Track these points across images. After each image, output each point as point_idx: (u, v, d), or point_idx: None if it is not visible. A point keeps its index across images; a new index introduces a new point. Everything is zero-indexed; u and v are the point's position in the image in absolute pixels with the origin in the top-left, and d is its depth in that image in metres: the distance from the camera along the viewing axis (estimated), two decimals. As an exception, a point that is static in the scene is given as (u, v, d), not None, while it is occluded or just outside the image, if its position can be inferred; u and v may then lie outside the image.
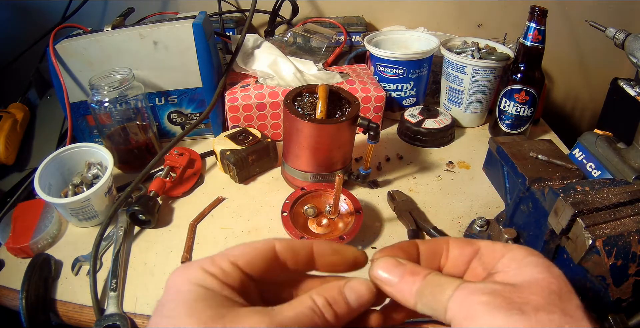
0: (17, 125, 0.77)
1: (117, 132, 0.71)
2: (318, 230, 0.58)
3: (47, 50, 0.67)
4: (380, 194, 0.67)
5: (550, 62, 0.99)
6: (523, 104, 0.75)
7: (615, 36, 0.63)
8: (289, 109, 0.59)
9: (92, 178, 0.64)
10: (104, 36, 0.69)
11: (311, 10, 1.02)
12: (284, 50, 0.84)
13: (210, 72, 0.74)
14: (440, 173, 0.73)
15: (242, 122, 0.76)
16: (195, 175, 0.70)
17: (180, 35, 0.69)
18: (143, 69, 0.71)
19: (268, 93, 0.75)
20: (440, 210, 0.64)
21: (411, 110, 0.83)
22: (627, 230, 0.39)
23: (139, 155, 0.72)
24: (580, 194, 0.42)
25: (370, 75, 0.84)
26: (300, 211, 0.60)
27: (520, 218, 0.50)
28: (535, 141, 0.56)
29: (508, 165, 0.53)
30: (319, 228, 0.58)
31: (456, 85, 0.82)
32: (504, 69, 0.79)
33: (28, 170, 0.73)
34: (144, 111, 0.71)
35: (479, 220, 0.58)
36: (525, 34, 0.70)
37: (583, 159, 0.67)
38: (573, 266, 0.42)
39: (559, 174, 0.49)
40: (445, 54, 0.81)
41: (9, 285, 0.53)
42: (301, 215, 0.60)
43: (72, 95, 0.71)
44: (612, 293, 0.38)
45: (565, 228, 0.41)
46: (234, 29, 0.96)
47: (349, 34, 0.95)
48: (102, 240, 0.56)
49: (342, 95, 0.63)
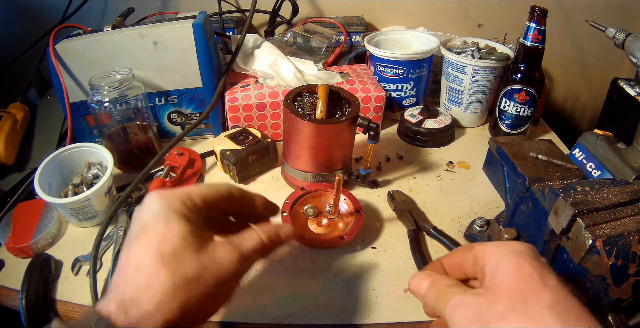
0: (17, 125, 0.77)
1: (117, 132, 0.71)
2: (318, 230, 0.58)
3: (47, 50, 0.67)
4: (380, 194, 0.67)
5: (550, 62, 0.99)
6: (523, 104, 0.75)
7: (615, 36, 0.63)
8: (289, 109, 0.59)
9: (92, 178, 0.64)
10: (104, 36, 0.69)
11: (311, 10, 1.02)
12: (284, 50, 0.84)
13: (210, 72, 0.74)
14: (440, 173, 0.73)
15: (242, 122, 0.76)
16: (195, 175, 0.70)
17: (180, 35, 0.69)
18: (143, 69, 0.71)
19: (268, 93, 0.75)
20: (440, 210, 0.64)
21: (411, 110, 0.83)
22: (627, 230, 0.39)
23: (139, 155, 0.72)
24: (580, 194, 0.42)
25: (370, 75, 0.84)
26: (301, 211, 0.60)
27: (520, 218, 0.50)
28: (535, 141, 0.56)
29: (508, 165, 0.53)
30: (319, 228, 0.58)
31: (456, 85, 0.82)
32: (504, 69, 0.79)
33: (28, 170, 0.73)
34: (144, 111, 0.71)
35: (479, 220, 0.58)
36: (525, 34, 0.70)
37: (583, 159, 0.67)
38: (573, 266, 0.42)
39: (559, 174, 0.49)
40: (445, 54, 0.81)
41: (9, 285, 0.53)
42: (301, 215, 0.60)
43: (72, 95, 0.71)
44: (612, 293, 0.38)
45: (565, 228, 0.41)
46: (234, 29, 0.96)
47: (349, 34, 0.95)
48: (102, 240, 0.56)
49: (342, 95, 0.63)
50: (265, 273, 0.53)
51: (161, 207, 0.34)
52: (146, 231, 0.33)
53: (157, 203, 0.34)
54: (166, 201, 0.34)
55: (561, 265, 0.45)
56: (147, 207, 0.34)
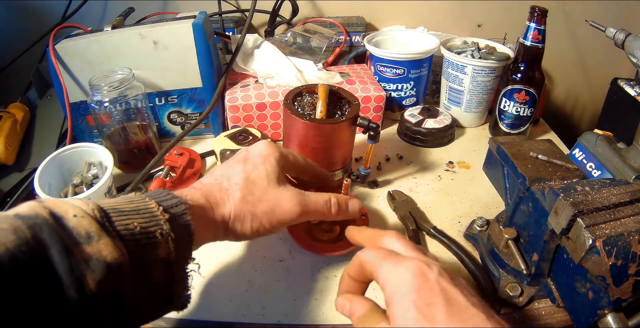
0: (17, 125, 0.77)
1: (117, 132, 0.71)
2: (324, 237, 0.56)
3: (47, 50, 0.67)
4: (380, 194, 0.67)
5: (550, 62, 0.99)
6: (523, 104, 0.75)
7: (615, 36, 0.63)
8: (289, 109, 0.59)
9: (92, 178, 0.64)
10: (104, 36, 0.69)
11: (311, 10, 1.02)
12: (284, 50, 0.84)
13: (210, 72, 0.74)
14: (440, 174, 0.73)
15: (242, 122, 0.76)
16: (195, 175, 0.70)
17: (180, 35, 0.69)
18: (143, 69, 0.71)
19: (268, 93, 0.75)
20: (440, 210, 0.64)
21: (411, 110, 0.83)
22: (627, 230, 0.39)
23: (139, 155, 0.72)
24: (580, 194, 0.42)
25: (370, 75, 0.84)
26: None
27: (520, 218, 0.50)
28: (535, 141, 0.56)
29: (508, 165, 0.53)
30: (325, 234, 0.56)
31: (456, 85, 0.82)
32: (504, 69, 0.79)
33: (28, 170, 0.72)
34: (144, 111, 0.71)
35: (479, 220, 0.58)
36: (525, 34, 0.70)
37: (583, 159, 0.67)
38: (573, 266, 0.42)
39: (559, 174, 0.49)
40: (445, 54, 0.81)
41: (9, 285, 0.53)
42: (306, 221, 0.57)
43: (72, 95, 0.71)
44: (612, 293, 0.38)
45: (565, 228, 0.41)
46: (234, 29, 0.96)
47: (349, 34, 0.95)
48: (102, 240, 0.56)
49: (342, 95, 0.63)
50: (265, 273, 0.53)
51: (266, 150, 0.45)
52: (247, 160, 0.44)
53: (265, 147, 0.45)
54: (271, 148, 0.46)
55: (561, 265, 0.45)
56: (257, 147, 0.46)
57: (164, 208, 0.34)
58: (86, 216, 0.29)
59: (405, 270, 0.32)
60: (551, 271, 0.47)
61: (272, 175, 0.43)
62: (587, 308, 0.41)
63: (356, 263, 0.37)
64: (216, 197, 0.40)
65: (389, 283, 0.32)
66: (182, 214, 0.35)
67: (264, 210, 0.41)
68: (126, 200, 0.34)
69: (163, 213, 0.33)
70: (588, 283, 0.40)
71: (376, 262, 0.34)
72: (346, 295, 0.38)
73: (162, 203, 0.34)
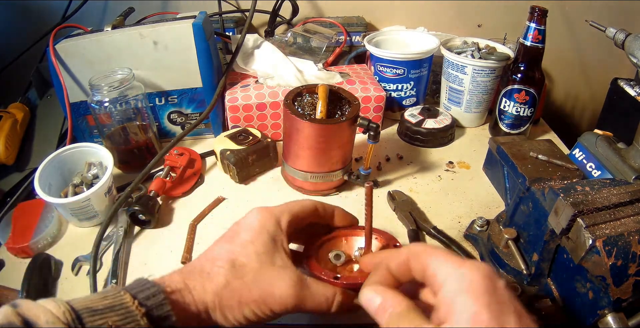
0: (17, 125, 0.77)
1: (117, 132, 0.71)
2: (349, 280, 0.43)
3: (47, 50, 0.67)
4: (380, 194, 0.67)
5: (550, 62, 0.99)
6: (523, 104, 0.75)
7: (615, 36, 0.63)
8: (289, 109, 0.59)
9: (92, 178, 0.64)
10: (104, 36, 0.69)
11: (311, 10, 1.02)
12: (284, 50, 0.84)
13: (210, 72, 0.74)
14: (440, 173, 0.73)
15: (242, 122, 0.76)
16: (195, 175, 0.70)
17: (180, 35, 0.69)
18: (143, 69, 0.71)
19: (268, 93, 0.75)
20: (440, 210, 0.64)
21: (411, 110, 0.83)
22: (627, 230, 0.39)
23: (139, 155, 0.72)
24: (580, 194, 0.42)
25: (370, 75, 0.84)
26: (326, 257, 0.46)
27: (520, 218, 0.50)
28: (535, 141, 0.56)
29: (508, 165, 0.53)
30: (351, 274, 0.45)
31: (456, 85, 0.82)
32: (504, 69, 0.79)
33: (28, 170, 0.73)
34: (144, 111, 0.71)
35: (479, 220, 0.58)
36: (525, 34, 0.70)
37: (583, 159, 0.67)
38: (573, 266, 0.42)
39: (559, 174, 0.49)
40: (445, 54, 0.81)
41: (9, 285, 0.53)
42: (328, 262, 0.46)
43: (72, 95, 0.71)
44: (612, 293, 0.38)
45: (565, 228, 0.41)
46: (234, 29, 0.96)
47: (349, 34, 0.95)
48: (102, 240, 0.56)
49: (342, 95, 0.63)
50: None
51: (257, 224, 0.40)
52: (235, 238, 0.40)
53: (256, 219, 0.41)
54: (264, 218, 0.41)
55: (561, 265, 0.45)
56: (247, 219, 0.41)
57: (139, 302, 0.32)
58: (57, 321, 0.29)
59: (475, 270, 0.30)
60: (551, 271, 0.47)
61: (263, 256, 0.38)
62: (587, 308, 0.41)
63: (403, 256, 0.34)
64: (195, 282, 0.36)
65: (451, 281, 0.30)
66: (160, 305, 0.33)
67: (254, 298, 0.36)
68: (100, 296, 0.32)
69: (139, 307, 0.31)
70: (588, 284, 0.40)
71: (435, 257, 0.32)
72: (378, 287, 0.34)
73: (139, 295, 0.33)
